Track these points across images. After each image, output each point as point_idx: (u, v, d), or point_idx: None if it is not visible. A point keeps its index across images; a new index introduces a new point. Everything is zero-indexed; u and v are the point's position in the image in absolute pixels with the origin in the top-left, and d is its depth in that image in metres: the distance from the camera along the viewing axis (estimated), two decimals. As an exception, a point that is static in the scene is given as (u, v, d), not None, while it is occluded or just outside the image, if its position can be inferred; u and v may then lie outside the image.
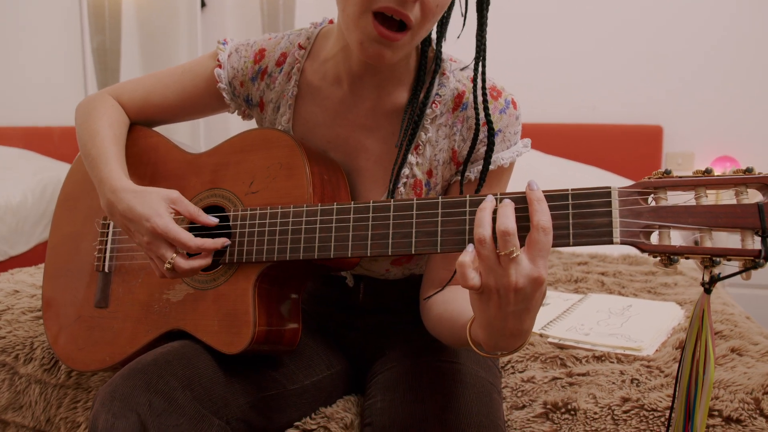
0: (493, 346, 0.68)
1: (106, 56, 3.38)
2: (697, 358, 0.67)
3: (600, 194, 0.65)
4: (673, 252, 0.64)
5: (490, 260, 0.63)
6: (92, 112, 0.98)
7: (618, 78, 2.89)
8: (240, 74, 0.98)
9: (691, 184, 0.65)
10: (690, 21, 2.77)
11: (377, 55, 0.78)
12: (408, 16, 0.75)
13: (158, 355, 0.80)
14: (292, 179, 0.84)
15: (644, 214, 0.65)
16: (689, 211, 0.64)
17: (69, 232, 1.05)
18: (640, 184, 0.66)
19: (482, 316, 0.66)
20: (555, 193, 0.66)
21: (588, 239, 0.65)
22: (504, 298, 0.63)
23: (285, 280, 0.87)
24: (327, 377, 0.99)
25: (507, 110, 0.88)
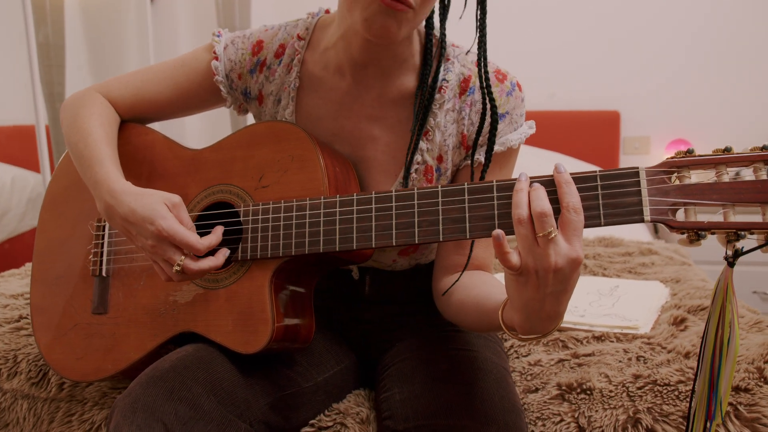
0: (528, 329, 0.68)
1: (49, 51, 3.25)
2: (721, 332, 0.69)
3: (628, 174, 0.66)
4: (701, 227, 0.65)
5: (529, 240, 0.63)
6: (80, 111, 0.93)
7: (575, 65, 2.97)
8: (238, 66, 0.95)
9: (713, 162, 0.67)
10: (645, 10, 2.86)
11: (383, 29, 0.77)
12: None
13: (175, 361, 0.77)
14: (304, 171, 0.82)
15: (671, 192, 0.66)
16: (713, 188, 0.66)
17: (58, 237, 1.00)
18: (665, 163, 0.67)
19: (519, 298, 0.67)
20: (583, 175, 0.67)
21: (619, 218, 0.66)
22: (543, 279, 0.64)
23: (299, 275, 0.85)
24: (337, 372, 0.98)
25: (513, 92, 0.89)
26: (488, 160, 0.85)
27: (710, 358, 0.70)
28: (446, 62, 0.89)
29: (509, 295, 0.68)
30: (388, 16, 0.77)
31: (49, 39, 3.24)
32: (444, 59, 0.89)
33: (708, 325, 0.70)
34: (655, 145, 2.97)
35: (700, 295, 1.31)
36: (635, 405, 0.87)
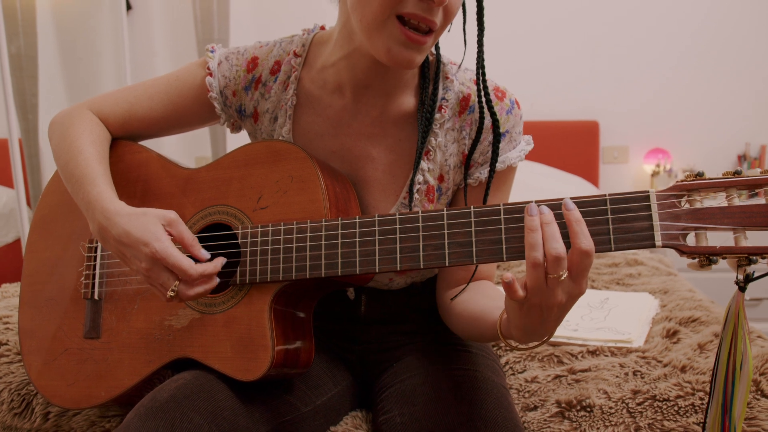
0: (526, 340, 0.70)
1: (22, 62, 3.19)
2: (734, 355, 0.69)
3: (639, 198, 0.66)
4: (713, 252, 0.65)
5: (540, 280, 0.63)
6: (70, 129, 0.91)
7: (554, 75, 3.01)
8: (232, 83, 0.93)
9: (723, 185, 0.66)
10: (623, 21, 2.92)
11: (407, 60, 0.77)
12: (434, 22, 0.75)
13: (174, 390, 0.75)
14: (305, 193, 0.80)
15: (682, 216, 0.66)
16: (724, 212, 0.65)
17: (47, 258, 0.97)
18: (675, 186, 0.67)
19: (520, 322, 0.68)
20: (593, 199, 0.67)
21: (630, 243, 0.66)
22: (547, 311, 0.65)
23: (299, 299, 0.84)
24: (335, 395, 0.97)
25: (513, 110, 0.89)
26: (490, 179, 0.85)
27: (723, 382, 0.70)
28: (445, 81, 0.89)
29: (510, 316, 0.69)
30: (411, 48, 0.77)
31: (21, 50, 3.19)
32: (443, 77, 0.89)
33: (720, 349, 0.70)
34: (634, 154, 3.03)
35: (690, 306, 1.32)
36: (636, 421, 0.87)
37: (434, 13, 0.74)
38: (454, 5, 0.76)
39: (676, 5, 2.88)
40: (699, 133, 2.96)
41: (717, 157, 2.97)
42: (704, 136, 2.96)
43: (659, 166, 2.93)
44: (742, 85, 2.90)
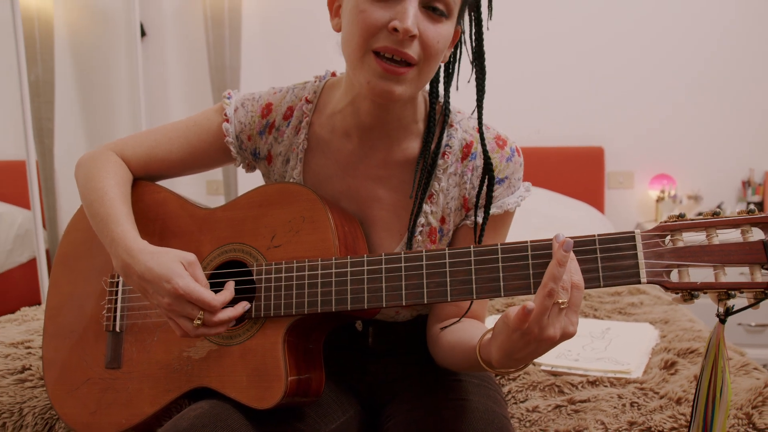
0: (502, 365, 0.75)
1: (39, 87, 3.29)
2: (714, 383, 0.73)
3: (625, 239, 0.71)
4: (694, 288, 0.70)
5: (546, 310, 0.68)
6: (96, 171, 0.97)
7: (560, 103, 3.08)
8: (247, 128, 0.99)
9: (703, 225, 0.71)
10: (627, 48, 2.99)
11: (386, 92, 0.82)
12: (408, 55, 0.80)
13: (193, 419, 0.79)
14: (316, 232, 0.86)
15: (666, 254, 0.71)
16: (704, 250, 0.71)
17: (70, 292, 1.02)
18: (659, 227, 0.72)
19: (508, 345, 0.72)
20: (583, 239, 0.72)
21: (617, 280, 0.71)
22: (536, 341, 0.70)
23: (310, 332, 0.88)
24: (343, 423, 1.01)
25: (512, 158, 0.94)
26: (485, 221, 0.90)
27: (703, 406, 0.74)
28: (449, 128, 0.94)
29: (498, 335, 0.73)
30: (389, 80, 0.82)
31: (39, 76, 3.29)
32: (447, 125, 0.94)
33: (701, 376, 0.75)
34: (639, 180, 3.07)
35: (689, 337, 1.36)
36: (632, 452, 0.90)
37: (406, 46, 0.79)
38: (429, 39, 0.81)
39: (679, 34, 2.95)
40: (703, 159, 3.00)
41: (721, 183, 3.01)
42: (709, 162, 3.00)
43: (664, 191, 2.96)
44: (747, 111, 2.95)
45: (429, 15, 0.81)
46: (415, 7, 0.79)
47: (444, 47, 0.84)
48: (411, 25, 0.78)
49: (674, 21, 2.95)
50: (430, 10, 0.81)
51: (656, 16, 2.95)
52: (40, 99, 3.29)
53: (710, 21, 2.93)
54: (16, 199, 3.39)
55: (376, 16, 0.80)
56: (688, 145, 3.00)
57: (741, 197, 2.98)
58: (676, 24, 2.95)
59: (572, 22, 3.01)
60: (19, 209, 3.37)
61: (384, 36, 0.79)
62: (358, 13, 0.81)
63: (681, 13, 2.94)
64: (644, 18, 2.96)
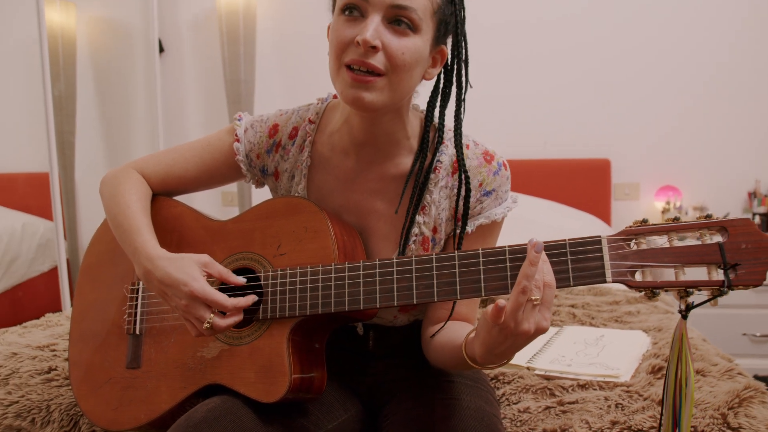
0: (486, 361, 0.83)
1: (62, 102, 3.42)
2: (680, 375, 0.80)
3: (592, 242, 0.78)
4: (656, 286, 0.77)
5: (521, 307, 0.75)
6: (119, 186, 1.06)
7: (567, 115, 3.14)
8: (256, 147, 1.08)
9: (665, 229, 0.79)
10: (634, 63, 3.05)
11: (357, 98, 0.90)
12: (372, 65, 0.88)
13: (206, 413, 0.87)
14: (317, 241, 0.94)
15: (629, 256, 0.78)
16: (665, 252, 0.78)
17: (94, 299, 1.11)
18: (623, 232, 0.79)
19: (488, 340, 0.80)
20: (555, 244, 0.79)
21: (585, 280, 0.79)
22: (513, 335, 0.77)
23: (313, 332, 0.96)
24: (346, 420, 1.08)
25: (499, 172, 1.02)
26: (463, 229, 0.99)
27: (672, 397, 0.81)
28: (441, 145, 1.02)
29: (480, 332, 0.81)
30: (358, 88, 0.90)
31: (61, 91, 3.41)
32: (440, 143, 1.02)
33: (668, 369, 0.81)
34: (645, 191, 3.11)
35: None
36: (612, 448, 0.97)
37: (370, 56, 0.88)
38: (393, 50, 0.89)
39: (685, 48, 3.01)
40: (709, 170, 3.04)
41: (727, 195, 3.04)
42: (715, 174, 3.04)
43: (669, 203, 3.00)
44: (752, 124, 2.99)
45: (393, 29, 0.89)
46: (376, 22, 0.88)
47: (413, 59, 0.91)
48: (370, 37, 0.87)
49: (680, 35, 3.01)
50: (395, 23, 0.89)
51: (662, 30, 3.02)
52: (62, 113, 3.41)
53: (715, 34, 2.98)
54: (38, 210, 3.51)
55: (345, 33, 0.89)
56: (694, 157, 3.05)
57: (747, 208, 3.01)
58: (682, 38, 3.01)
59: (580, 38, 3.08)
60: (41, 219, 3.49)
61: (352, 50, 0.89)
62: (333, 32, 0.92)
63: (686, 27, 3.00)
64: (650, 32, 3.03)
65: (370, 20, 0.88)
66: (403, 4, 0.88)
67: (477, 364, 0.87)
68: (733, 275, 0.75)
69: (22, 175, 3.56)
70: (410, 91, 0.96)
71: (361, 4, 0.89)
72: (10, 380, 1.30)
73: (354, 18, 0.90)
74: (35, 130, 3.26)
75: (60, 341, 1.55)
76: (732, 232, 0.76)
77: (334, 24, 0.92)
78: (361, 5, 0.89)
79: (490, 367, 0.86)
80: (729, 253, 0.76)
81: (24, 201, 3.57)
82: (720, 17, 2.97)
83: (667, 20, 3.01)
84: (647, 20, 3.03)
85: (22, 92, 3.51)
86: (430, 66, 0.97)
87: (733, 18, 2.96)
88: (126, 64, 3.71)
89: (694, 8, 2.99)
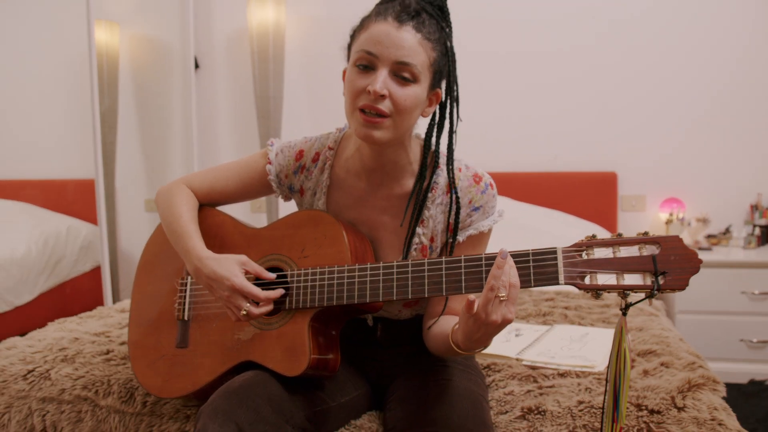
0: (467, 347, 1.03)
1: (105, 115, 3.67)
2: (620, 360, 0.99)
3: (549, 252, 0.98)
4: (599, 288, 0.96)
5: (490, 301, 0.95)
6: (173, 198, 1.29)
7: (576, 131, 3.30)
8: (285, 169, 1.31)
9: (610, 243, 0.97)
10: (640, 82, 3.20)
11: (368, 136, 1.12)
12: (380, 109, 1.09)
13: (242, 381, 1.10)
14: (334, 246, 1.15)
15: (579, 264, 0.97)
16: (609, 262, 0.96)
17: (150, 291, 1.35)
18: (576, 244, 0.98)
19: (466, 329, 1.00)
20: (521, 252, 0.99)
21: (543, 282, 0.98)
22: (484, 323, 0.96)
23: (329, 321, 1.18)
24: (356, 397, 1.29)
25: (486, 191, 1.22)
26: (454, 239, 1.20)
27: (613, 380, 1.00)
28: (437, 168, 1.23)
29: (460, 323, 1.01)
30: (369, 127, 1.11)
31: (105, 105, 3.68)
32: (437, 167, 1.23)
33: (611, 357, 1.00)
34: (651, 203, 3.24)
35: (653, 341, 1.60)
36: (575, 422, 1.16)
37: (378, 102, 1.09)
38: (397, 98, 1.09)
39: (689, 65, 3.14)
40: (712, 183, 3.16)
41: (729, 207, 3.15)
42: (718, 187, 3.16)
43: (672, 215, 3.14)
44: (755, 139, 3.10)
45: (398, 80, 1.10)
46: (384, 75, 1.09)
47: (413, 104, 1.12)
48: (379, 88, 1.08)
49: (685, 53, 3.14)
50: (399, 76, 1.10)
51: (667, 50, 3.15)
52: (105, 125, 3.66)
53: (719, 51, 3.10)
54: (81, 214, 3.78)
55: (359, 83, 1.11)
56: (698, 171, 3.17)
57: (748, 220, 3.12)
58: (686, 56, 3.14)
59: (589, 61, 3.24)
60: (83, 223, 3.76)
61: (364, 96, 1.10)
62: (349, 82, 1.13)
63: (691, 45, 3.13)
64: (656, 52, 3.16)
65: (379, 73, 1.09)
66: (405, 60, 1.09)
67: (461, 350, 1.06)
68: (662, 281, 0.93)
69: (69, 182, 3.83)
70: (411, 127, 1.18)
71: (373, 61, 1.10)
72: (76, 359, 1.55)
73: (366, 71, 1.11)
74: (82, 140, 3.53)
75: (113, 329, 1.80)
76: (664, 246, 0.94)
77: (349, 74, 1.14)
78: (373, 62, 1.10)
79: (471, 351, 1.06)
80: (660, 264, 0.93)
81: (70, 205, 3.84)
82: (724, 33, 3.09)
83: (672, 39, 3.15)
84: (653, 40, 3.17)
85: (70, 105, 3.79)
86: (427, 106, 1.18)
87: (737, 34, 3.08)
88: (164, 79, 3.95)
89: (698, 26, 3.12)
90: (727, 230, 3.14)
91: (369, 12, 1.16)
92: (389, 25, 1.10)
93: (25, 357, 1.57)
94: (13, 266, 3.39)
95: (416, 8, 1.12)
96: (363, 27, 1.14)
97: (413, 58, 1.10)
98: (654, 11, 3.18)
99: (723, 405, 1.22)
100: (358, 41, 1.13)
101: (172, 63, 3.90)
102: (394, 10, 1.11)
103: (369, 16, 1.15)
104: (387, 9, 1.12)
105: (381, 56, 1.09)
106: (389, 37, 1.09)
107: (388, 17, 1.11)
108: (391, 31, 1.09)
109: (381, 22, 1.11)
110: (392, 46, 1.09)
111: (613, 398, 0.99)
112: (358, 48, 1.12)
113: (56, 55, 3.79)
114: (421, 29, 1.11)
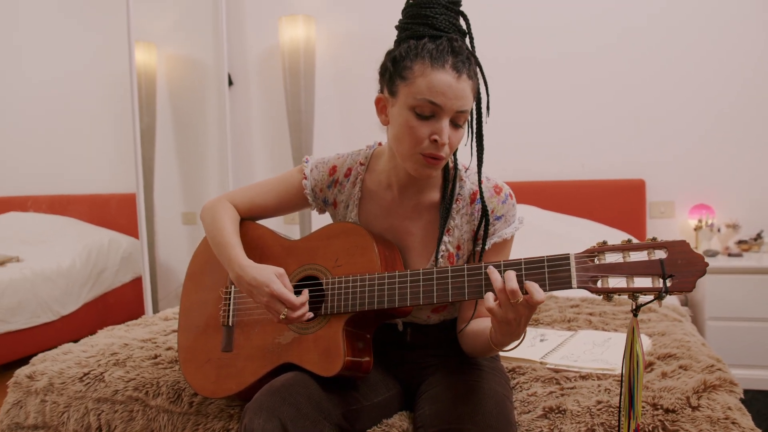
0: (507, 341, 1.11)
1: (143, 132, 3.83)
2: (633, 360, 1.05)
3: (563, 258, 1.05)
4: (610, 291, 1.03)
5: (508, 302, 1.04)
6: (217, 213, 1.41)
7: (603, 138, 3.35)
8: (319, 184, 1.41)
9: (620, 249, 1.04)
10: (668, 86, 3.24)
11: (427, 175, 1.23)
12: (442, 156, 1.20)
13: (284, 381, 1.19)
14: (365, 256, 1.25)
15: (591, 269, 1.04)
16: (620, 266, 1.03)
17: (196, 299, 1.46)
18: (588, 251, 1.06)
19: (501, 329, 1.09)
20: (536, 259, 1.06)
21: (557, 286, 1.05)
22: (515, 321, 1.06)
23: (362, 325, 1.27)
24: (388, 397, 1.38)
25: (507, 201, 1.30)
26: (483, 248, 1.27)
27: (628, 380, 1.06)
28: (461, 181, 1.32)
29: (494, 327, 1.11)
30: (429, 168, 1.22)
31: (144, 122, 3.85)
32: (458, 179, 1.32)
33: (624, 358, 1.07)
34: (680, 210, 3.27)
35: (674, 345, 1.65)
36: (593, 420, 1.23)
37: (441, 150, 1.19)
38: (453, 142, 1.20)
39: (716, 72, 3.17)
40: (742, 189, 3.18)
41: (758, 213, 3.16)
42: (748, 192, 3.17)
43: (701, 221, 3.16)
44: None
45: (453, 126, 1.20)
46: (447, 124, 1.18)
47: (459, 142, 1.23)
48: (446, 139, 1.18)
49: (714, 59, 3.17)
50: (454, 123, 1.20)
51: (697, 57, 3.20)
52: (144, 141, 3.84)
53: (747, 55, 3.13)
54: (121, 227, 3.96)
55: (422, 131, 1.18)
56: (727, 176, 3.19)
57: (778, 225, 3.14)
58: (713, 62, 3.17)
59: (616, 68, 3.30)
60: (123, 236, 3.94)
61: (427, 144, 1.19)
62: (409, 128, 1.18)
63: (720, 51, 3.16)
64: (682, 59, 3.21)
65: (444, 124, 1.17)
66: (464, 109, 1.19)
67: (496, 346, 1.15)
68: (670, 283, 1.00)
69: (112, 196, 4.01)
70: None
71: (436, 111, 1.18)
72: (127, 363, 1.67)
73: (427, 119, 1.18)
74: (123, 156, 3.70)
75: (158, 336, 1.92)
76: (671, 251, 1.01)
77: (408, 119, 1.18)
78: (436, 111, 1.18)
79: (505, 348, 1.15)
80: (668, 267, 1.00)
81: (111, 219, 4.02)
82: (755, 38, 3.12)
83: (703, 45, 3.19)
84: (681, 47, 3.22)
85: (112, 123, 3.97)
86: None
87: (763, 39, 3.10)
88: (199, 96, 4.13)
89: (722, 32, 3.15)
90: (758, 236, 3.13)
91: (414, 47, 1.17)
92: (449, 75, 1.15)
93: (80, 361, 1.70)
94: (59, 278, 3.58)
95: (466, 54, 1.19)
96: (415, 70, 1.17)
97: (468, 104, 1.19)
98: (686, 17, 3.22)
99: (738, 405, 1.27)
100: (416, 86, 1.16)
101: (206, 81, 4.07)
102: (451, 58, 1.16)
103: (420, 56, 1.16)
104: (442, 56, 1.15)
105: (445, 107, 1.17)
106: (451, 89, 1.16)
107: (446, 65, 1.15)
108: (453, 82, 1.16)
109: (439, 70, 1.15)
110: (454, 98, 1.16)
111: (628, 395, 1.06)
112: (419, 96, 1.16)
113: (99, 75, 3.98)
114: (472, 76, 1.19)
